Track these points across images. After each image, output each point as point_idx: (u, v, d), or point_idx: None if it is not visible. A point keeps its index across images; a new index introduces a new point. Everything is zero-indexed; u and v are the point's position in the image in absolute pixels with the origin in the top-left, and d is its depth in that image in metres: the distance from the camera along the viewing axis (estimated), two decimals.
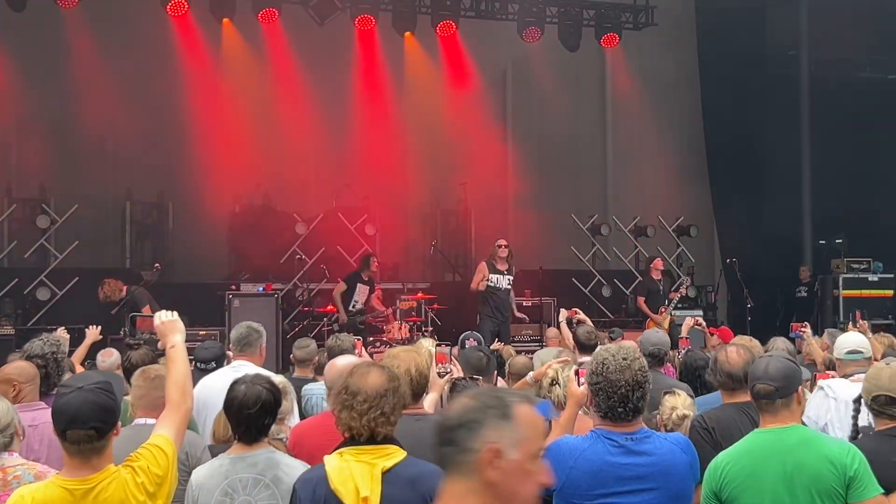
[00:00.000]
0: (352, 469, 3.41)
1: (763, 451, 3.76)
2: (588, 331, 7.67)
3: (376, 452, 3.46)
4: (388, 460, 3.45)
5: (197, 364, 5.95)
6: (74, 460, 3.32)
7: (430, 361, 4.98)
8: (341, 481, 3.39)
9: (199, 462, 4.36)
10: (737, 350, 4.72)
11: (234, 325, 6.78)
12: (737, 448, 3.86)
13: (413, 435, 4.08)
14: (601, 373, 3.66)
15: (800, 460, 3.68)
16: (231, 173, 14.36)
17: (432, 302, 13.58)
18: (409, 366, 4.21)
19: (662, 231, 17.32)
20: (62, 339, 6.00)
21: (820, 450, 3.70)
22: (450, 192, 16.56)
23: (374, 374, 3.57)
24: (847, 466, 3.63)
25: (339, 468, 3.43)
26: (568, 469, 3.59)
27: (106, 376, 3.75)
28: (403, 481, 3.43)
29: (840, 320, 14.85)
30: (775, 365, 3.86)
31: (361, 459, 3.43)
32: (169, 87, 14.28)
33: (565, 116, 17.01)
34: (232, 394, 4.09)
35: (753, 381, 3.87)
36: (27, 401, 4.88)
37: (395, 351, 4.45)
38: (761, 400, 3.83)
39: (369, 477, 3.39)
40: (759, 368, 3.87)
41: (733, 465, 3.78)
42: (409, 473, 3.45)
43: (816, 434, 3.88)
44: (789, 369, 3.89)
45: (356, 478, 3.39)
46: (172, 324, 3.92)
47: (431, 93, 15.83)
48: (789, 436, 3.76)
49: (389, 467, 3.43)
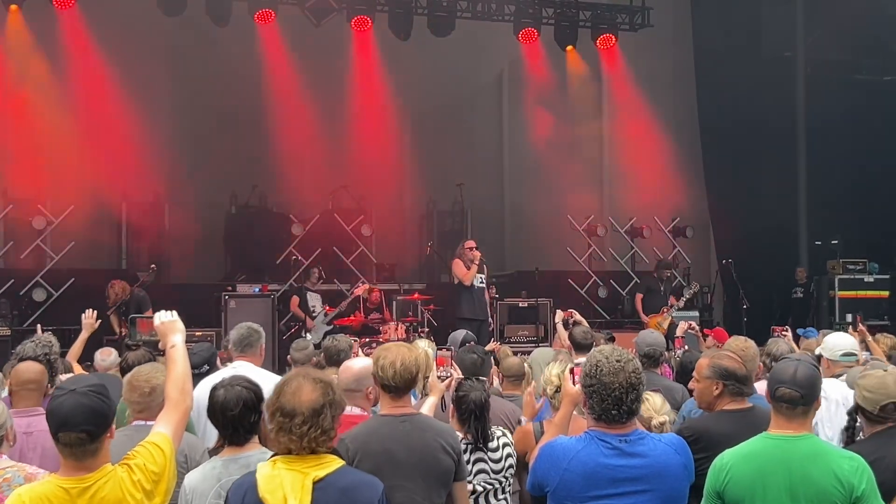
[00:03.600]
0: (282, 478, 3.34)
1: (770, 458, 3.70)
2: (584, 331, 7.69)
3: (310, 461, 3.38)
4: (321, 469, 3.37)
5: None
6: (69, 461, 3.34)
7: (431, 364, 4.98)
8: (270, 490, 3.32)
9: (198, 465, 4.36)
10: (729, 357, 4.68)
11: (231, 325, 6.79)
12: (743, 449, 3.80)
13: (398, 437, 4.08)
14: (595, 375, 3.64)
15: (807, 473, 3.63)
16: (227, 174, 14.35)
17: (429, 303, 13.58)
18: (395, 359, 4.17)
19: (658, 232, 17.34)
20: (54, 341, 5.99)
21: (829, 465, 3.64)
22: (446, 194, 16.57)
23: (308, 390, 3.43)
24: (854, 487, 3.58)
25: (269, 476, 3.36)
26: (562, 471, 3.58)
27: (103, 379, 3.75)
28: (335, 491, 3.36)
29: (836, 321, 14.87)
30: (804, 371, 3.78)
31: (293, 468, 3.36)
32: (164, 87, 14.27)
33: (561, 118, 17.01)
34: (213, 399, 4.09)
35: (778, 384, 3.78)
36: (28, 405, 4.87)
37: (387, 344, 4.42)
38: (783, 404, 3.75)
39: (300, 486, 3.31)
40: (787, 373, 3.78)
41: (738, 467, 3.74)
42: (342, 483, 3.39)
43: (826, 447, 3.78)
44: (816, 377, 3.84)
45: (285, 487, 3.31)
46: (172, 324, 3.95)
47: (428, 94, 15.83)
48: (799, 446, 3.70)
49: (322, 476, 3.35)
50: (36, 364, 5.11)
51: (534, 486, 3.75)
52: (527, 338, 13.43)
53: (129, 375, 4.77)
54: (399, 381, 4.16)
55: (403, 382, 4.19)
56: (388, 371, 4.16)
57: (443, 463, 4.12)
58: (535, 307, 13.64)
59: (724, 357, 4.67)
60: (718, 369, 4.60)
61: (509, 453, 4.61)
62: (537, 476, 3.71)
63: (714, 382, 4.59)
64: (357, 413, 4.60)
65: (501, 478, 4.53)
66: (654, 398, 4.90)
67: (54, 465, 3.94)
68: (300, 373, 3.57)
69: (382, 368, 4.18)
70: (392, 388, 4.18)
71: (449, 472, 4.14)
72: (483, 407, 4.54)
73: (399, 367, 4.15)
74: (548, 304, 13.55)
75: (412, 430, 4.12)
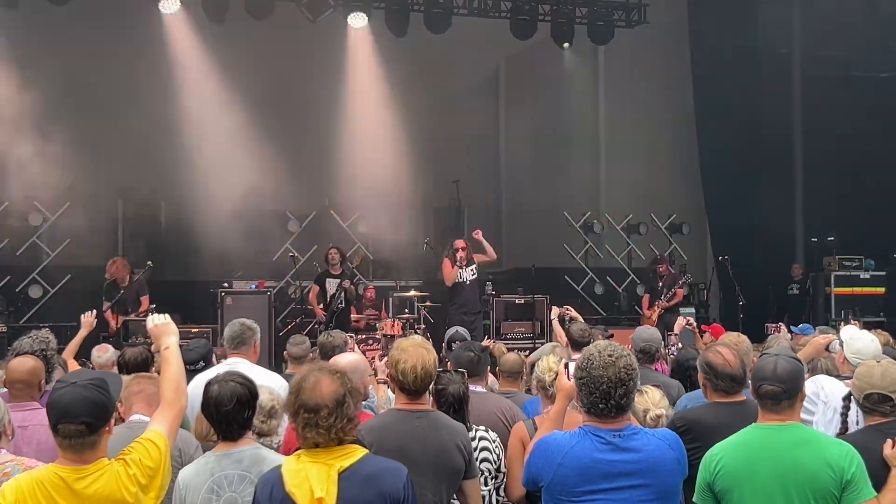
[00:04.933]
0: (307, 471, 3.36)
1: (758, 447, 3.75)
2: (582, 328, 7.69)
3: (334, 453, 3.40)
4: (345, 460, 3.39)
5: (185, 366, 5.94)
6: (67, 453, 3.38)
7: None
8: (296, 483, 3.35)
9: (192, 459, 4.37)
10: (729, 351, 4.69)
11: (227, 322, 6.78)
12: (732, 441, 3.85)
13: (413, 434, 4.10)
14: (586, 368, 3.65)
15: (797, 460, 3.67)
16: (223, 171, 14.32)
17: (425, 299, 13.59)
18: (416, 363, 4.19)
19: (655, 228, 17.35)
20: (51, 337, 5.99)
21: (818, 451, 3.69)
22: (443, 190, 16.56)
23: (327, 383, 3.44)
24: (844, 470, 3.62)
25: (294, 470, 3.38)
26: (556, 466, 3.59)
27: (103, 375, 3.76)
28: (360, 479, 3.38)
29: (832, 318, 14.90)
30: (783, 366, 3.83)
31: (318, 460, 3.38)
32: (161, 84, 14.25)
33: (557, 114, 17.01)
34: (207, 395, 4.10)
35: (760, 381, 3.83)
36: (24, 399, 4.89)
37: (405, 343, 4.38)
38: (767, 400, 3.81)
39: (325, 477, 3.34)
40: (767, 369, 3.83)
41: (727, 458, 3.78)
42: (367, 471, 3.41)
43: (815, 434, 3.84)
44: (797, 370, 3.88)
45: (311, 479, 3.34)
46: (166, 326, 3.97)
47: (425, 89, 15.81)
48: (787, 434, 3.75)
49: (346, 467, 3.38)
50: (30, 359, 5.11)
51: (528, 480, 3.77)
52: (523, 334, 13.45)
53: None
54: (420, 385, 4.21)
55: (424, 386, 4.24)
56: (410, 376, 4.18)
57: (455, 461, 4.15)
58: (531, 304, 13.65)
59: (713, 351, 4.70)
60: (701, 361, 4.69)
61: (486, 447, 4.60)
62: (532, 471, 3.72)
63: (700, 374, 4.67)
64: None
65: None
66: (654, 392, 4.91)
67: (50, 459, 3.96)
68: (313, 368, 3.58)
69: (403, 373, 4.19)
70: (412, 391, 4.22)
71: (460, 470, 4.17)
72: (462, 400, 4.55)
73: (420, 372, 4.19)
74: (544, 301, 13.56)
75: (427, 427, 4.16)
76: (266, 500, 3.40)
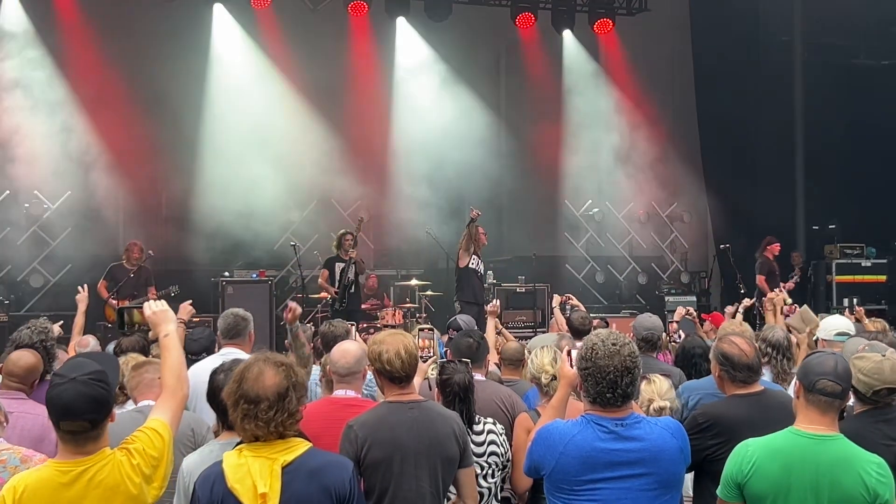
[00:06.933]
0: (250, 465, 3.27)
1: (799, 459, 3.64)
2: (583, 316, 7.71)
3: (276, 447, 3.32)
4: (289, 454, 3.31)
5: (189, 356, 5.94)
6: (69, 446, 3.33)
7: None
8: (238, 479, 3.26)
9: (204, 440, 4.38)
10: (744, 340, 4.56)
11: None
12: (769, 444, 3.71)
13: (407, 425, 4.05)
14: (590, 358, 3.63)
15: (836, 478, 3.59)
16: (224, 159, 14.30)
17: (426, 288, 13.59)
18: (398, 348, 4.13)
19: (656, 217, 17.34)
20: (50, 326, 5.97)
21: (858, 472, 3.59)
22: (444, 178, 16.51)
23: (270, 374, 3.35)
24: (879, 496, 3.57)
25: (236, 465, 3.29)
26: (558, 454, 3.58)
27: (100, 359, 3.69)
28: (304, 474, 3.31)
29: (833, 305, 14.91)
30: (843, 365, 3.76)
31: (261, 455, 3.31)
32: (162, 73, 14.20)
33: (558, 102, 16.96)
34: (213, 384, 4.08)
35: (819, 376, 3.70)
36: (13, 390, 4.90)
37: (379, 336, 4.31)
38: (824, 397, 3.68)
39: (268, 472, 3.26)
40: (828, 365, 3.72)
41: (763, 462, 3.65)
42: (311, 465, 3.34)
43: (855, 451, 3.69)
44: (851, 373, 3.85)
45: (254, 474, 3.25)
46: (164, 313, 3.89)
47: (425, 77, 15.77)
48: (829, 451, 3.64)
49: (290, 461, 3.30)
50: (30, 356, 5.07)
51: (530, 469, 3.75)
52: (524, 323, 13.46)
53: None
54: (409, 368, 4.15)
55: (412, 369, 4.17)
56: (396, 362, 4.11)
57: (450, 450, 4.10)
58: (532, 292, 13.66)
59: (727, 341, 4.59)
60: (716, 352, 4.59)
61: (493, 440, 4.57)
62: (534, 459, 3.71)
63: (715, 366, 4.59)
64: (351, 396, 4.55)
65: (483, 462, 4.52)
66: (662, 382, 4.86)
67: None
68: (259, 357, 3.45)
69: (389, 362, 4.11)
70: (401, 377, 4.14)
71: (455, 459, 4.12)
72: (467, 389, 4.51)
73: (405, 356, 4.13)
74: (545, 290, 13.57)
75: (420, 417, 4.09)
76: (207, 497, 3.31)
